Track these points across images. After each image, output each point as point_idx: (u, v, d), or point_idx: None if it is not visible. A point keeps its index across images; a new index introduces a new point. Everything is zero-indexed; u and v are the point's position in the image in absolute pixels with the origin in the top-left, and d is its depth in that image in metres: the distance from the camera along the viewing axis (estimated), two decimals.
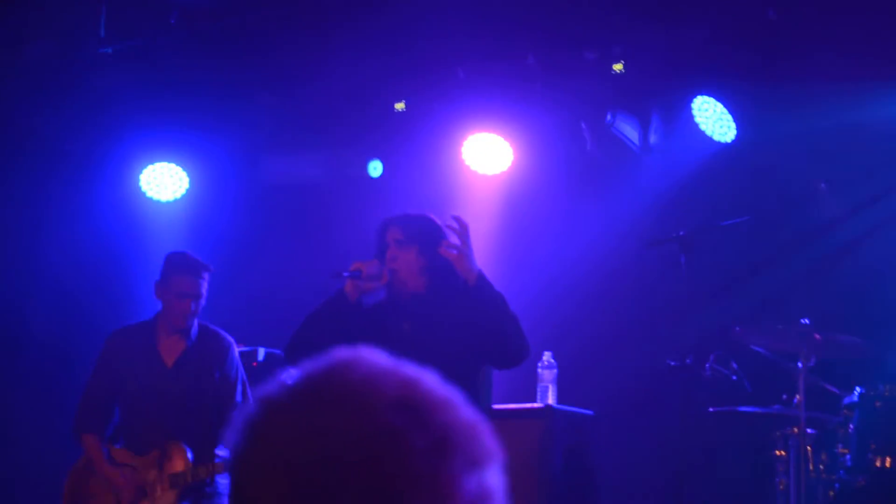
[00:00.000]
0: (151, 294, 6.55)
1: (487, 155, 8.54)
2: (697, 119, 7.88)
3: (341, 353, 1.32)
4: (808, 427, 6.25)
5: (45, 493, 6.85)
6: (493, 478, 1.27)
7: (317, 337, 5.24)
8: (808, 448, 6.23)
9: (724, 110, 7.82)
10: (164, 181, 9.16)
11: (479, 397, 5.38)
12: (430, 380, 1.30)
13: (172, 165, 9.14)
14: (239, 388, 6.51)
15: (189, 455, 6.18)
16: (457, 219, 5.14)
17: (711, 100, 7.83)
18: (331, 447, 1.21)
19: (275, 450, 1.24)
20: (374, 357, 1.31)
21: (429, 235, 5.33)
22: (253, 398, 1.30)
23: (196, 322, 6.49)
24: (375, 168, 8.92)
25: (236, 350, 6.63)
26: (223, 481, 6.29)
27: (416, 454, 1.21)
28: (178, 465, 6.16)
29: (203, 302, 6.45)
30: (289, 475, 1.22)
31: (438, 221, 5.41)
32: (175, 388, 6.31)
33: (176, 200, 9.22)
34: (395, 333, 5.25)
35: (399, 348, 4.85)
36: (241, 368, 6.61)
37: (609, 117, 8.12)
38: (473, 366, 5.31)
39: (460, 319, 5.19)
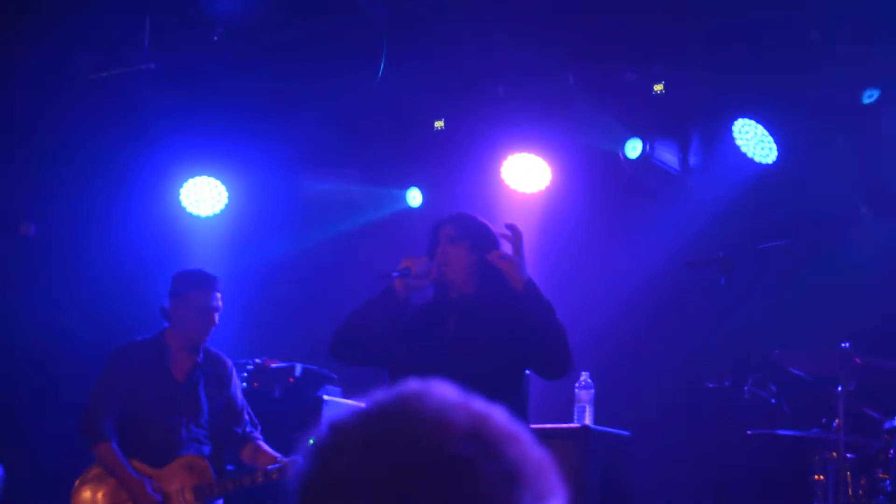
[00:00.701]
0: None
1: (526, 173, 8.54)
2: (738, 141, 7.87)
3: (413, 383, 1.33)
4: (848, 452, 6.21)
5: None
6: None
7: (363, 333, 5.23)
8: (848, 473, 6.17)
9: (765, 132, 7.80)
10: (203, 195, 9.22)
11: (521, 404, 5.34)
12: (499, 415, 1.32)
13: (212, 179, 9.20)
14: (246, 409, 6.64)
15: (211, 468, 6.26)
16: (511, 227, 5.14)
17: (752, 122, 7.81)
18: (401, 475, 1.22)
19: (343, 475, 1.25)
20: (446, 390, 1.32)
21: (481, 235, 5.31)
22: (322, 422, 1.31)
23: (202, 346, 6.54)
24: (414, 198, 8.95)
25: (236, 371, 6.73)
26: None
27: (486, 485, 1.22)
28: (200, 477, 6.22)
29: (218, 317, 6.48)
30: (356, 501, 1.22)
31: (491, 225, 5.40)
32: (185, 402, 6.37)
33: (215, 215, 9.27)
34: (441, 332, 5.22)
35: (444, 347, 4.87)
36: (241, 389, 6.74)
37: (647, 148, 8.11)
38: (517, 370, 5.30)
39: (507, 323, 5.16)
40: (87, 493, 6.27)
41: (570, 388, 6.94)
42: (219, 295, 6.46)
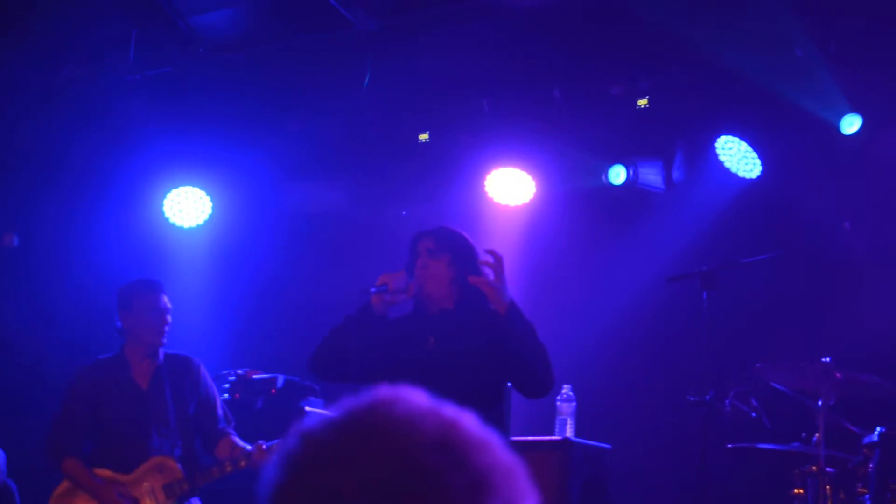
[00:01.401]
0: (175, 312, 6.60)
1: (510, 186, 8.55)
2: (722, 157, 7.91)
3: (383, 391, 1.33)
4: (828, 466, 6.21)
5: None
6: None
7: (341, 349, 5.20)
8: (827, 487, 6.18)
9: (749, 148, 7.84)
10: (187, 206, 9.21)
11: (501, 417, 5.28)
12: (469, 421, 1.31)
13: (196, 190, 9.19)
14: (219, 403, 6.62)
15: (179, 465, 6.29)
16: (491, 252, 5.09)
17: (735, 139, 7.85)
18: (369, 485, 1.22)
19: (313, 485, 1.25)
20: (416, 397, 1.32)
21: (461, 248, 5.30)
22: (294, 431, 1.31)
23: (160, 349, 6.56)
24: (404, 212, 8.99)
25: (204, 368, 6.70)
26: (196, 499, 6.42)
27: (454, 495, 1.22)
28: (169, 476, 6.26)
29: (170, 318, 6.51)
30: None
31: (471, 239, 5.39)
32: (152, 408, 6.40)
33: (198, 227, 9.25)
34: (421, 347, 5.19)
35: (424, 362, 4.82)
36: (214, 386, 6.72)
37: (631, 174, 8.15)
38: (497, 385, 5.25)
39: (487, 339, 5.13)
40: None
41: (551, 400, 6.95)
42: (165, 297, 6.52)
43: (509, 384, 5.39)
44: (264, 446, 6.21)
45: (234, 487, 6.52)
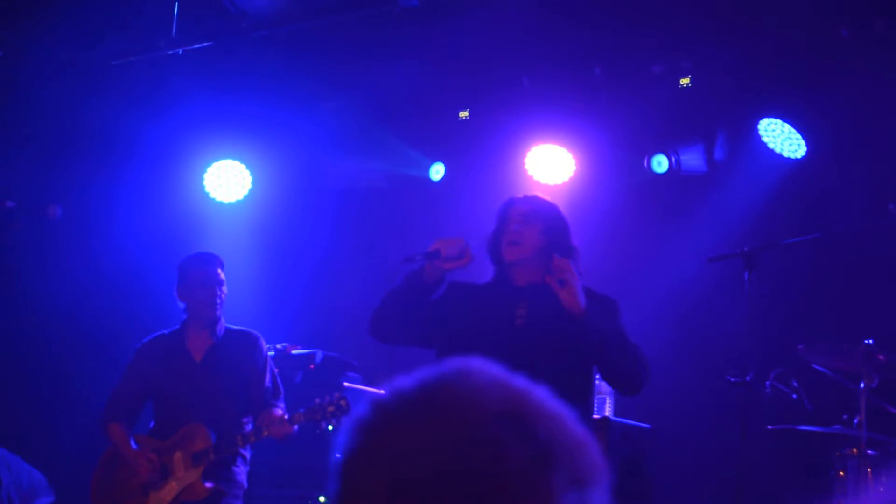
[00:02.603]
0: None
1: (550, 164, 8.53)
2: (765, 139, 7.85)
3: (455, 362, 1.34)
4: (869, 448, 6.18)
5: (80, 479, 6.97)
6: (597, 498, 1.28)
7: (398, 315, 4.97)
8: (869, 469, 6.15)
9: (792, 129, 7.78)
10: (227, 180, 9.25)
11: (586, 396, 5.05)
12: (540, 393, 1.32)
13: (237, 163, 9.23)
14: (268, 375, 6.64)
15: (211, 434, 6.34)
16: (560, 261, 4.76)
17: (778, 121, 7.79)
18: (433, 455, 1.24)
19: (381, 452, 1.27)
20: (487, 368, 1.32)
21: (554, 219, 5.06)
22: (369, 401, 1.33)
23: (222, 322, 6.64)
24: (437, 171, 8.90)
25: (263, 343, 6.73)
26: (242, 468, 6.49)
27: (515, 465, 1.23)
28: (199, 444, 6.33)
29: (225, 290, 6.58)
30: (392, 478, 1.24)
31: (562, 213, 5.15)
32: (203, 380, 6.50)
33: (238, 202, 9.29)
34: (509, 320, 4.91)
35: (512, 336, 4.54)
36: (269, 359, 6.74)
37: (673, 163, 8.11)
38: (585, 371, 4.99)
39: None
40: (104, 470, 6.53)
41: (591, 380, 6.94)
42: (220, 270, 6.58)
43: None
44: (286, 416, 6.28)
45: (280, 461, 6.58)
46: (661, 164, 8.17)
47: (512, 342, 4.81)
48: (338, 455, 1.33)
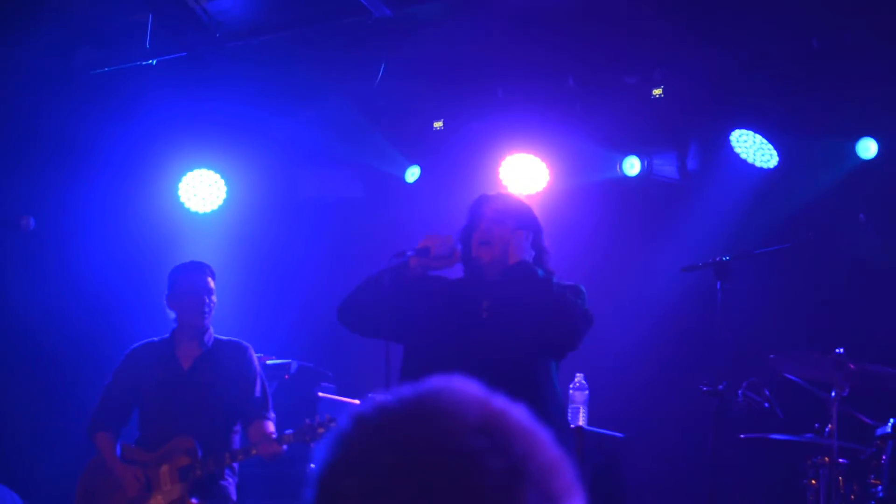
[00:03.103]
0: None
1: (524, 174, 8.55)
2: (737, 149, 7.91)
3: (436, 379, 1.37)
4: (840, 457, 6.22)
5: (61, 491, 6.96)
6: None
7: (372, 302, 4.90)
8: (840, 478, 6.19)
9: (764, 140, 7.83)
10: (202, 190, 9.24)
11: (550, 392, 4.92)
12: (518, 412, 1.35)
13: (211, 173, 9.22)
14: (258, 385, 6.60)
15: (198, 448, 6.30)
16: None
17: (750, 132, 7.85)
18: (411, 466, 1.26)
19: (359, 463, 1.29)
20: (467, 385, 1.36)
21: (525, 216, 5.08)
22: (349, 414, 1.36)
23: (211, 332, 6.64)
24: (413, 174, 8.92)
25: (253, 354, 6.73)
26: (230, 481, 6.45)
27: (491, 478, 1.25)
28: (186, 458, 6.30)
29: (214, 299, 6.58)
30: (370, 489, 1.27)
31: (533, 210, 5.18)
32: (191, 389, 6.48)
33: (213, 212, 9.28)
34: (474, 312, 4.92)
35: (476, 328, 4.51)
36: (259, 370, 6.71)
37: (645, 165, 8.15)
38: (542, 357, 4.93)
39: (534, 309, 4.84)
40: (89, 480, 6.50)
41: (564, 389, 6.97)
42: (210, 280, 6.59)
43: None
44: (273, 435, 6.27)
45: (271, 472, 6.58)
46: (633, 166, 8.21)
47: (476, 336, 4.83)
48: (315, 467, 1.35)
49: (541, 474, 1.28)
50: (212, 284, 6.58)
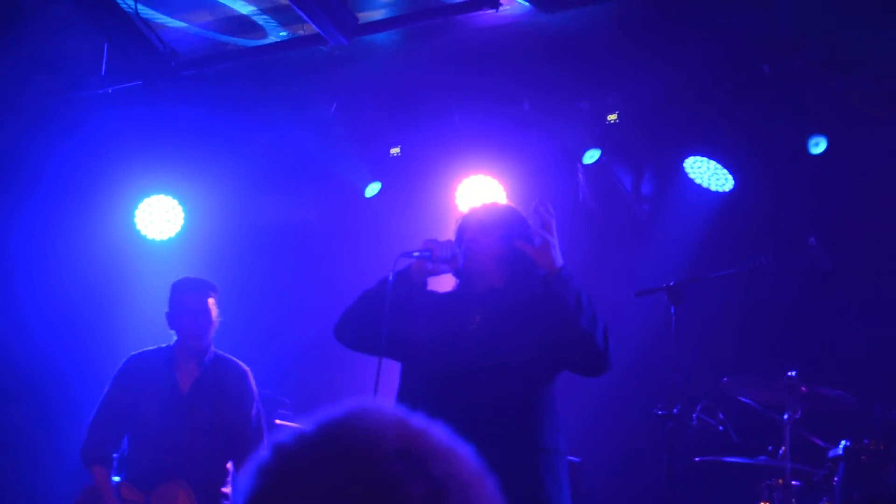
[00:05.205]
0: (141, 330, 6.56)
1: (480, 196, 8.57)
2: (692, 175, 7.98)
3: (354, 402, 1.37)
4: (793, 479, 6.28)
5: None
6: None
7: (373, 316, 4.73)
8: (793, 500, 6.25)
9: (718, 165, 7.91)
10: (158, 217, 9.21)
11: (547, 408, 4.85)
12: (437, 431, 1.35)
13: (168, 199, 9.19)
14: (254, 417, 6.42)
15: (195, 496, 6.14)
16: (544, 205, 4.68)
17: (704, 159, 7.92)
18: (331, 493, 1.27)
19: (280, 493, 1.30)
20: (386, 408, 1.37)
21: (514, 224, 4.92)
22: (265, 443, 1.37)
23: (211, 349, 6.46)
24: (373, 189, 8.91)
25: (251, 379, 6.53)
26: None
27: (411, 502, 1.27)
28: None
29: (214, 320, 6.41)
30: None
31: (523, 214, 5.00)
32: (188, 415, 6.27)
33: (170, 239, 9.26)
34: (465, 326, 4.82)
35: (466, 342, 4.46)
36: (257, 399, 6.52)
37: (604, 158, 8.18)
38: (546, 372, 4.84)
39: (538, 321, 4.71)
40: None
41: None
42: (212, 300, 6.40)
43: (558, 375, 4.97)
44: None
45: None
46: (592, 156, 8.20)
47: (466, 348, 4.74)
48: (236, 500, 1.35)
49: (463, 493, 1.30)
50: (211, 304, 6.37)
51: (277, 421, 7.50)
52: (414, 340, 4.81)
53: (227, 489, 6.30)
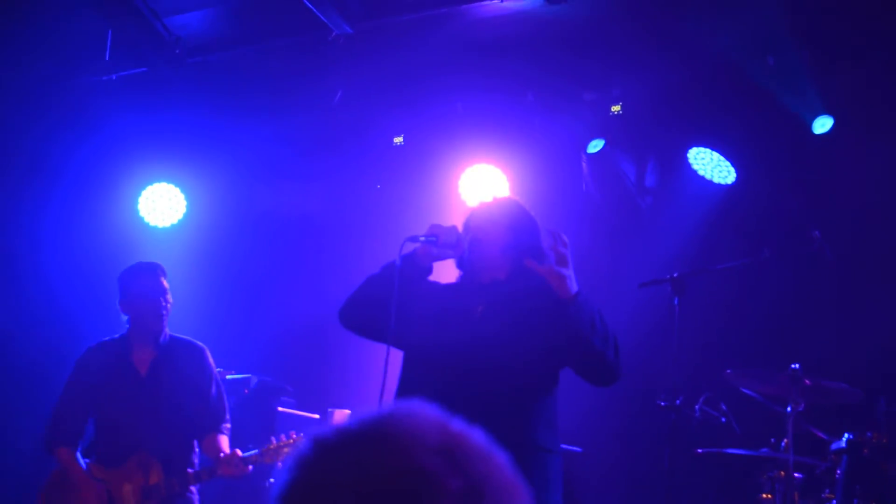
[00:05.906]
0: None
1: (483, 185, 8.58)
2: (695, 166, 7.97)
3: (396, 403, 1.40)
4: (796, 471, 6.28)
5: None
6: None
7: (379, 300, 4.75)
8: (795, 493, 6.25)
9: (721, 157, 7.90)
10: (161, 204, 9.22)
11: (546, 405, 4.82)
12: (476, 435, 1.38)
13: (171, 187, 9.20)
14: (212, 397, 6.46)
15: (161, 468, 6.19)
16: (559, 238, 4.61)
17: (707, 150, 7.91)
18: (369, 484, 1.29)
19: (319, 484, 1.32)
20: (428, 409, 1.39)
21: (520, 219, 4.94)
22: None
23: (166, 331, 6.47)
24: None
25: (209, 356, 6.55)
26: (195, 495, 6.33)
27: (449, 498, 1.28)
28: (151, 478, 6.17)
29: (170, 299, 6.40)
30: None
31: (531, 213, 5.01)
32: (149, 396, 6.31)
33: (173, 226, 9.27)
34: (467, 316, 4.81)
35: (468, 332, 4.42)
36: (216, 376, 6.55)
37: (607, 148, 8.17)
38: (547, 364, 4.81)
39: (540, 313, 4.71)
40: (52, 496, 6.31)
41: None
42: (163, 279, 6.39)
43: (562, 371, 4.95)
44: (240, 454, 6.14)
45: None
46: (596, 146, 8.19)
47: (467, 338, 4.73)
48: (275, 487, 1.37)
49: (498, 495, 1.32)
50: (165, 284, 6.39)
51: (280, 408, 7.50)
52: (417, 327, 4.81)
53: (193, 465, 6.34)
